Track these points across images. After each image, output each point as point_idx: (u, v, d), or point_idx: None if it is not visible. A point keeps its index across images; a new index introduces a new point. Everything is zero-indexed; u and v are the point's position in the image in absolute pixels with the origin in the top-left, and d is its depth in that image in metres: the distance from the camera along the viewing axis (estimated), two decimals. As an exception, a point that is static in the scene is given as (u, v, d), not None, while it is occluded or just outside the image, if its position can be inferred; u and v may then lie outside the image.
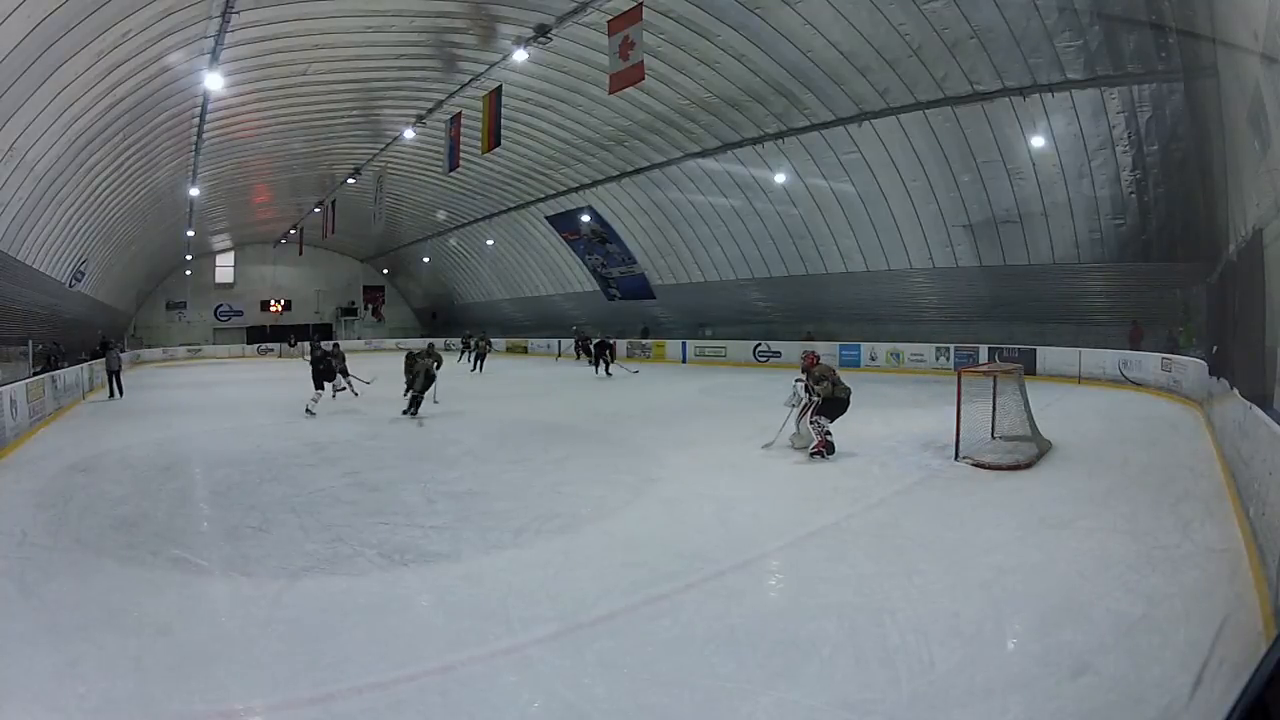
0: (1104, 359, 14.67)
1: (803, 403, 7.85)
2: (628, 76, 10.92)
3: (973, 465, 7.01)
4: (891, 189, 16.65)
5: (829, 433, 7.48)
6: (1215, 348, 9.47)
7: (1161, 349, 13.63)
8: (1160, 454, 7.61)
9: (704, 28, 13.76)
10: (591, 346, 20.27)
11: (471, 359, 21.50)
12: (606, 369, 18.69)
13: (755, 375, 18.66)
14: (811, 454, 7.42)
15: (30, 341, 16.00)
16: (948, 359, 17.46)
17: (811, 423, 7.55)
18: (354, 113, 18.83)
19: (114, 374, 16.20)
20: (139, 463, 8.20)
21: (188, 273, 36.98)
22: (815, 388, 7.63)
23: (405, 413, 11.17)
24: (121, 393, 16.00)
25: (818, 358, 8.16)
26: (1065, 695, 2.87)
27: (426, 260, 36.73)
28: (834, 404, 7.57)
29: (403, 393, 11.38)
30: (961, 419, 7.46)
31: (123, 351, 24.24)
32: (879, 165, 16.32)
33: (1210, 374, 9.27)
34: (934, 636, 3.35)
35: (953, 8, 11.93)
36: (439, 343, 24.46)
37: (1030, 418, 7.81)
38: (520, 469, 7.43)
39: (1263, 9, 4.88)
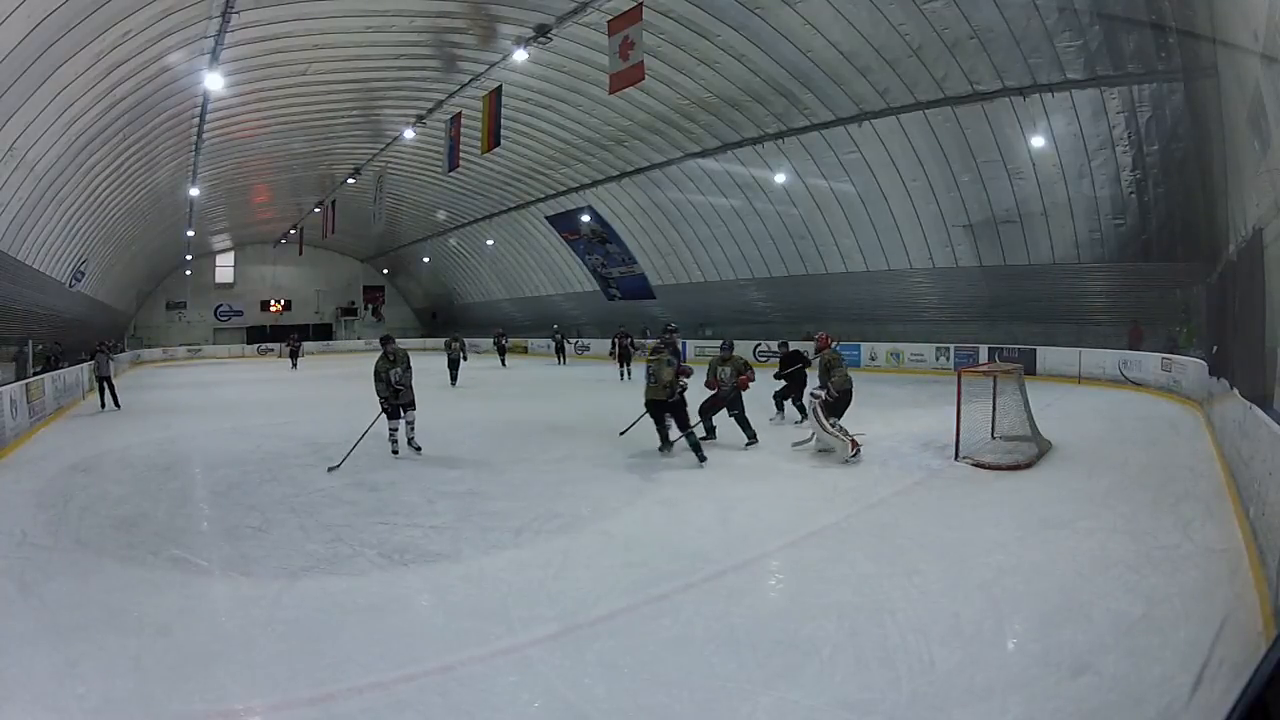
0: (1104, 359, 14.66)
1: (815, 405, 7.74)
2: (628, 76, 10.91)
3: (973, 465, 7.01)
4: (891, 189, 16.64)
5: (846, 430, 7.50)
6: (1215, 348, 9.46)
7: (1161, 349, 13.61)
8: (1160, 454, 7.60)
9: (704, 28, 13.75)
10: (627, 345, 18.94)
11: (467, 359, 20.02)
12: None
13: (755, 375, 18.58)
14: (852, 458, 7.34)
15: (30, 341, 15.95)
16: (948, 359, 17.46)
17: (833, 428, 7.46)
18: (354, 113, 18.83)
19: (104, 380, 13.80)
20: (139, 463, 8.20)
21: (188, 273, 36.99)
22: (830, 380, 7.57)
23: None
24: (117, 403, 13.67)
25: (829, 340, 8.09)
26: (1065, 695, 2.87)
27: (426, 260, 36.74)
28: (842, 398, 7.57)
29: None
30: (961, 419, 7.45)
31: (118, 353, 23.50)
32: (879, 165, 16.31)
33: (1210, 374, 9.27)
34: (934, 636, 3.35)
35: (953, 8, 11.93)
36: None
37: (1030, 418, 7.80)
38: (520, 469, 7.43)
39: (1263, 9, 4.88)
